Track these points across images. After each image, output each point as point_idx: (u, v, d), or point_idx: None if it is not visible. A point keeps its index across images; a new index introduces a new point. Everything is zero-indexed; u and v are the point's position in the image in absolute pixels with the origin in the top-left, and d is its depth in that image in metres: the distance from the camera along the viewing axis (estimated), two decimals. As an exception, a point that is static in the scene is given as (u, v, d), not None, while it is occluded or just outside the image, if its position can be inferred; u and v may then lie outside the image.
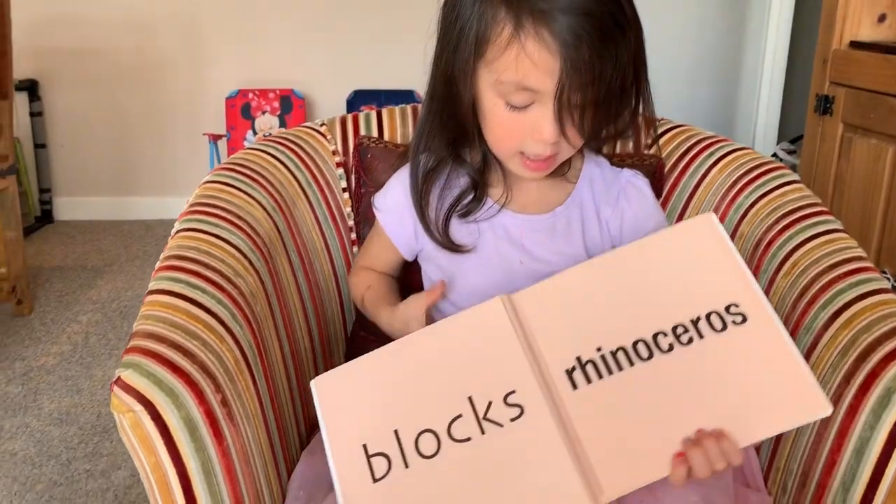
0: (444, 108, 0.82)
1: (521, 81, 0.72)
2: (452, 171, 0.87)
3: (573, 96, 0.71)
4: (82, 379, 1.85)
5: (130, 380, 0.63)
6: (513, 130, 0.77)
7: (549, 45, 0.69)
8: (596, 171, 0.89)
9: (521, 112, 0.75)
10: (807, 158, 1.80)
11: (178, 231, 0.87)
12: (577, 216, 0.87)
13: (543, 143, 0.75)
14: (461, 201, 0.86)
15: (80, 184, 3.11)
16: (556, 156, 0.78)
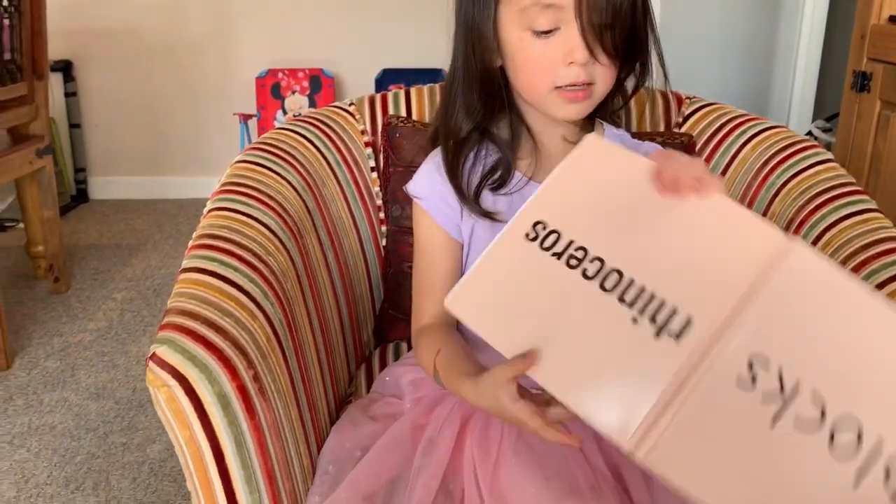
0: (469, 76, 0.83)
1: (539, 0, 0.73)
2: (481, 146, 0.86)
3: (593, 11, 0.73)
4: (118, 355, 1.90)
5: (165, 355, 0.65)
6: (543, 61, 0.76)
7: None
8: (617, 141, 0.88)
9: (548, 39, 0.75)
10: (842, 136, 1.77)
11: (211, 210, 0.88)
12: None
13: (576, 67, 0.75)
14: (492, 176, 0.85)
15: (113, 163, 3.15)
16: (592, 87, 0.78)
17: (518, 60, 0.79)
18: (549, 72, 0.77)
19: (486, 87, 0.83)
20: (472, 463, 0.75)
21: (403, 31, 3.01)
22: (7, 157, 1.93)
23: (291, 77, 2.96)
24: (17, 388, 1.74)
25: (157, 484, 1.42)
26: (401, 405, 0.87)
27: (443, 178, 0.86)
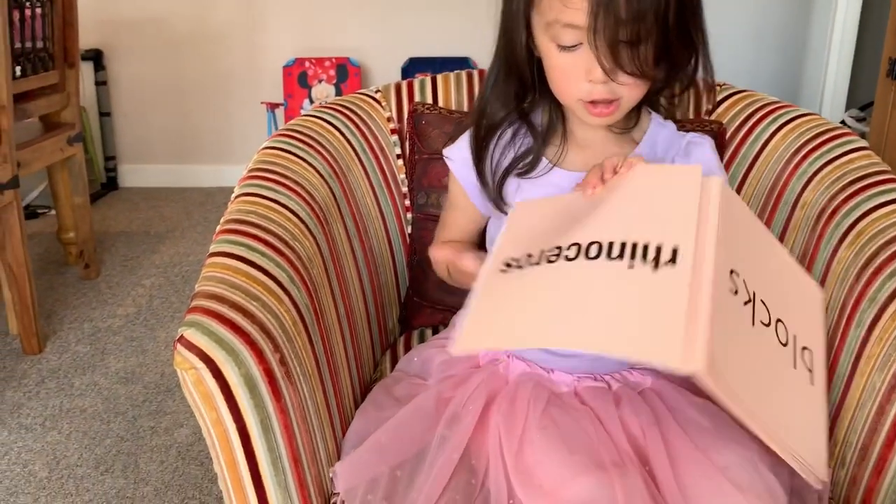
0: (506, 65, 0.84)
1: (560, 18, 0.74)
2: (518, 129, 0.88)
3: (608, 32, 0.71)
4: (147, 340, 1.92)
5: (193, 338, 0.66)
6: (568, 74, 0.78)
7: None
8: (661, 133, 0.88)
9: (572, 53, 0.76)
10: (877, 125, 1.73)
11: (238, 196, 0.88)
12: None
13: (594, 85, 0.76)
14: (523, 160, 0.87)
15: (143, 151, 3.19)
16: (618, 101, 0.78)
17: (547, 67, 0.81)
18: (573, 85, 0.78)
19: (520, 79, 0.85)
20: (498, 437, 0.75)
21: (429, 19, 3.00)
22: (39, 145, 1.96)
23: (318, 66, 2.96)
24: (49, 371, 1.77)
25: (184, 467, 1.44)
26: (425, 386, 0.88)
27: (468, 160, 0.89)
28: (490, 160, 0.88)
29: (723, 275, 0.61)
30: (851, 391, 0.78)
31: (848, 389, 0.79)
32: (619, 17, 0.71)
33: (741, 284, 0.63)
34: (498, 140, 0.88)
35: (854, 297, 0.82)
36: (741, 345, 0.61)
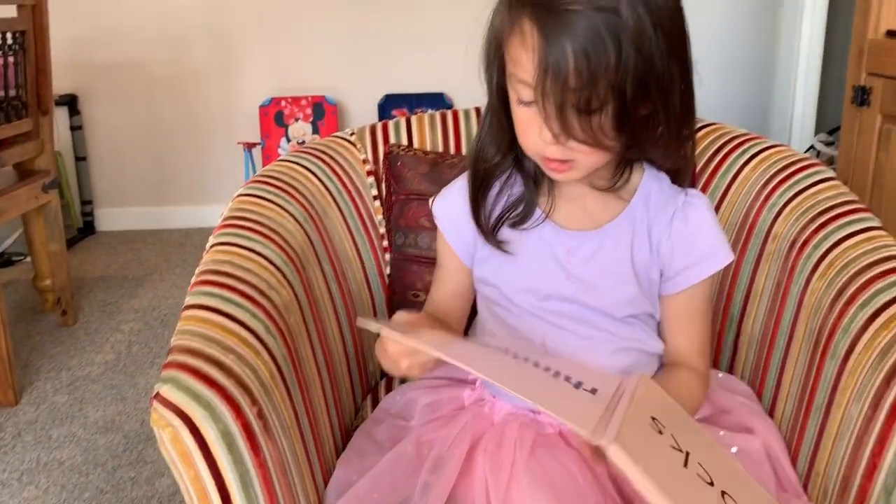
0: (494, 113, 0.82)
1: (515, 73, 0.72)
2: (509, 176, 0.86)
3: (554, 97, 0.68)
4: (126, 387, 1.90)
5: (169, 395, 0.65)
6: (524, 128, 0.75)
7: (530, 39, 0.69)
8: (655, 187, 0.83)
9: (528, 108, 0.73)
10: (845, 151, 1.76)
11: (213, 245, 0.88)
12: (627, 234, 0.82)
13: (543, 142, 0.73)
14: (514, 209, 0.85)
15: (120, 195, 3.18)
16: (573, 162, 0.75)
17: (513, 118, 0.78)
18: (529, 138, 0.75)
19: (503, 128, 0.82)
20: (485, 481, 0.75)
21: (404, 56, 3.03)
22: (13, 193, 1.95)
23: (294, 105, 2.98)
24: (25, 423, 1.74)
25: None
26: (408, 427, 0.88)
27: (464, 209, 0.87)
28: (486, 204, 0.86)
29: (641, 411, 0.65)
30: (829, 423, 0.79)
31: (826, 421, 0.79)
32: (566, 83, 0.67)
33: (668, 433, 0.65)
34: (492, 185, 0.86)
35: (828, 327, 0.82)
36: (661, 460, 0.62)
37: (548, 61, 0.67)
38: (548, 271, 0.83)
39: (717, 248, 0.83)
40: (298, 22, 3.02)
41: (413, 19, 2.99)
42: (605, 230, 0.82)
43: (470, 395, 0.90)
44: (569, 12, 0.66)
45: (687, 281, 0.83)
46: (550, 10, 0.67)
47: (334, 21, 3.01)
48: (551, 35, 0.67)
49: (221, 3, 3.00)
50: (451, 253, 0.91)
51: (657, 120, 0.72)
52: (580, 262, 0.82)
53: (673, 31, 0.70)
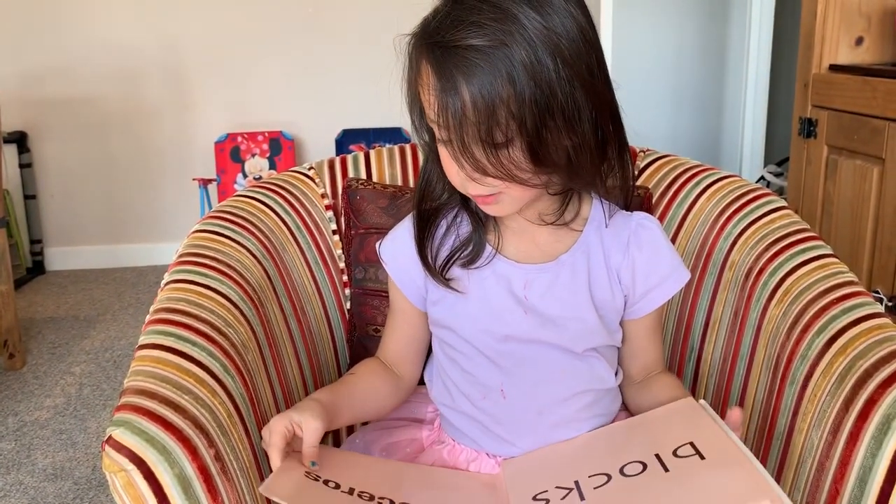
0: (430, 152, 0.82)
1: (428, 114, 0.72)
2: (456, 214, 0.85)
3: (456, 133, 0.68)
4: (76, 432, 1.83)
5: (122, 438, 0.63)
6: (446, 166, 0.75)
7: (427, 79, 0.70)
8: (604, 216, 0.84)
9: (445, 150, 0.73)
10: (794, 181, 1.81)
11: (168, 283, 0.86)
12: (583, 264, 0.82)
13: (462, 180, 0.73)
14: (464, 249, 0.83)
15: (71, 233, 3.10)
16: (498, 196, 0.74)
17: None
18: (452, 177, 0.75)
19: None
20: None
21: (362, 91, 3.04)
22: (-42, 233, 1.89)
23: (251, 140, 2.96)
24: (-32, 472, 1.67)
25: (118, 568, 1.36)
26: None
27: (412, 251, 0.85)
28: (433, 244, 0.84)
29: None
30: (791, 449, 0.79)
31: (788, 447, 0.80)
32: (465, 119, 0.66)
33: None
34: (439, 225, 0.85)
35: (786, 354, 0.83)
36: None
37: (445, 100, 0.67)
38: (505, 308, 0.82)
39: (676, 268, 0.85)
40: (254, 57, 3.01)
41: (370, 54, 3.00)
42: (560, 262, 0.82)
43: (428, 436, 0.89)
44: (460, 48, 0.66)
45: (652, 304, 0.84)
46: (443, 48, 0.67)
47: (291, 56, 3.02)
48: (444, 73, 0.67)
49: (175, 39, 2.98)
50: (402, 296, 0.89)
51: (570, 149, 0.71)
52: (537, 296, 0.81)
53: (576, 59, 0.68)
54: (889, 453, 0.68)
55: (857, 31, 1.70)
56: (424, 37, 0.71)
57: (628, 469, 0.70)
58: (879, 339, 0.75)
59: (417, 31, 0.73)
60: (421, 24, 0.73)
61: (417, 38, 0.72)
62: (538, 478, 0.74)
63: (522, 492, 0.73)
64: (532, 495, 0.72)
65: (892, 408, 0.69)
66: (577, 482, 0.71)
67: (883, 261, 1.48)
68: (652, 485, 0.67)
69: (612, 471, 0.70)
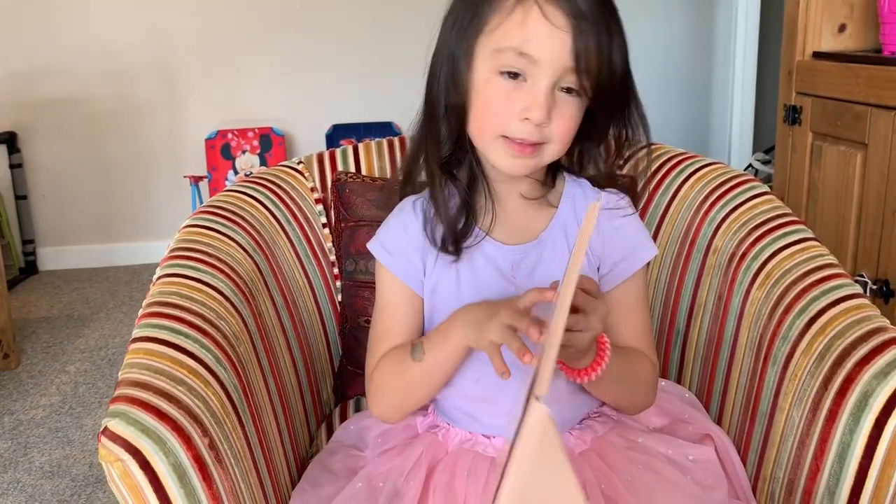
0: (445, 112, 0.81)
1: (520, 46, 0.72)
2: (444, 190, 0.84)
3: (573, 74, 0.73)
4: (73, 429, 1.84)
5: (117, 429, 0.64)
6: (500, 107, 0.75)
7: (555, 16, 0.72)
8: (578, 191, 0.88)
9: (515, 85, 0.74)
10: (780, 168, 1.83)
11: (160, 277, 0.87)
12: (561, 238, 0.85)
13: (529, 125, 0.74)
14: (455, 225, 0.83)
15: (63, 233, 3.10)
16: (540, 146, 0.76)
17: (478, 101, 0.77)
18: (502, 118, 0.75)
19: (453, 125, 0.81)
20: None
21: (352, 86, 3.05)
22: (-50, 234, 1.89)
23: (241, 137, 2.96)
24: (-34, 471, 1.68)
25: (117, 562, 1.37)
26: (362, 457, 0.87)
27: (409, 236, 0.86)
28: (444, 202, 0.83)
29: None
30: (774, 428, 0.81)
31: (770, 426, 0.82)
32: (581, 61, 0.72)
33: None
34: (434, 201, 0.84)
35: (768, 336, 0.85)
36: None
37: (572, 39, 0.72)
38: (497, 291, 0.83)
39: (645, 242, 0.88)
40: (244, 53, 3.01)
41: (359, 49, 3.01)
42: (541, 239, 0.85)
43: (423, 421, 0.90)
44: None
45: (621, 274, 0.86)
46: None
47: (280, 52, 3.02)
48: (576, 13, 0.71)
49: (164, 37, 2.98)
50: (402, 287, 0.87)
51: (625, 108, 0.81)
52: (524, 276, 0.84)
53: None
54: (867, 429, 0.70)
55: (839, 19, 1.71)
56: None
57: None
58: (857, 318, 0.77)
59: None
60: None
61: None
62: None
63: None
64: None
65: (868, 385, 0.70)
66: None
67: (867, 245, 1.50)
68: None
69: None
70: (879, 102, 1.45)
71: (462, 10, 0.77)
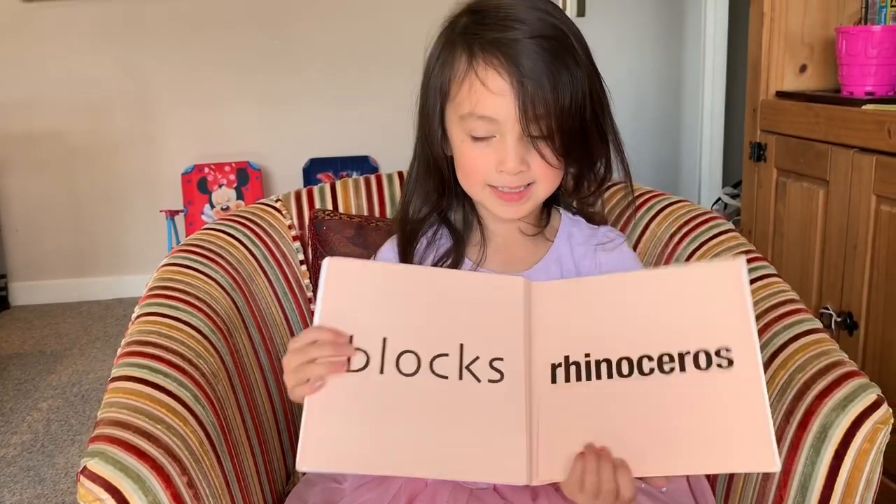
0: (424, 162, 0.86)
1: (476, 110, 0.77)
2: (438, 230, 0.89)
3: (529, 123, 0.75)
4: (45, 468, 1.82)
5: (96, 468, 0.65)
6: (478, 164, 0.80)
7: (501, 70, 0.75)
8: (574, 229, 0.90)
9: (486, 143, 0.79)
10: (747, 203, 1.88)
11: (139, 316, 0.88)
12: (556, 271, 0.87)
13: (508, 175, 0.78)
14: (444, 261, 0.87)
15: (37, 267, 3.08)
16: (530, 189, 0.80)
17: (458, 157, 0.83)
18: (481, 172, 0.80)
19: (439, 174, 0.87)
20: None
21: (328, 120, 3.08)
22: (-78, 270, 1.87)
23: (218, 171, 2.98)
24: (-66, 512, 1.65)
25: None
26: (340, 490, 0.87)
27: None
28: (414, 259, 0.88)
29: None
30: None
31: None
32: (536, 106, 0.74)
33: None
34: (420, 241, 0.88)
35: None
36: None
37: (520, 87, 0.74)
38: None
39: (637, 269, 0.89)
40: (220, 88, 3.04)
41: (336, 84, 3.05)
42: (535, 270, 0.87)
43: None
44: (518, 42, 0.75)
45: None
46: (503, 44, 0.75)
47: (257, 86, 3.05)
48: (520, 64, 0.74)
49: (140, 71, 3.00)
50: None
51: (604, 146, 0.84)
52: None
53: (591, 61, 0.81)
54: (827, 461, 0.72)
55: (801, 60, 1.78)
56: (479, 32, 0.77)
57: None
58: (817, 352, 0.80)
59: (460, 29, 0.80)
60: (457, 25, 0.81)
61: (466, 28, 0.79)
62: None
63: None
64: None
65: (827, 418, 0.73)
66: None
67: (831, 278, 1.55)
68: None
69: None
70: (839, 141, 1.50)
71: (432, 75, 0.82)
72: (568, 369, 0.69)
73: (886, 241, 1.39)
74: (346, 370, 0.68)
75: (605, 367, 0.68)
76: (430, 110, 0.84)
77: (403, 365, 0.68)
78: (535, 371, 0.69)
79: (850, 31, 1.57)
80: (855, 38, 1.54)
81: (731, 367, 0.66)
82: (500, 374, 0.69)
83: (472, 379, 0.68)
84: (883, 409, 0.73)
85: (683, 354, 0.67)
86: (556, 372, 0.69)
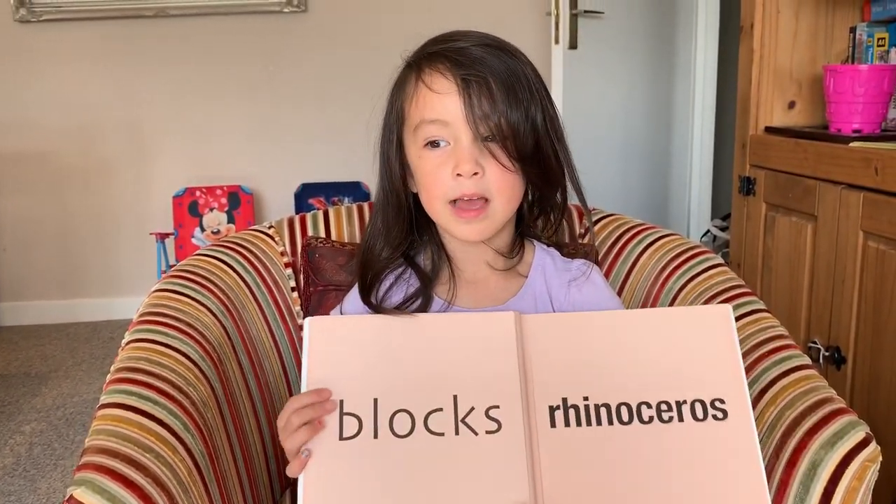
0: (386, 202, 0.87)
1: (426, 115, 0.79)
2: (403, 271, 0.88)
3: (478, 122, 0.77)
4: (26, 493, 1.79)
5: (83, 497, 0.64)
6: (437, 173, 0.79)
7: (445, 72, 0.78)
8: (548, 261, 0.90)
9: (441, 151, 0.79)
10: (736, 236, 1.90)
11: (129, 342, 0.88)
12: (530, 307, 0.86)
13: (465, 179, 0.78)
14: (412, 303, 0.85)
15: (25, 288, 3.06)
16: (487, 206, 0.80)
17: (418, 177, 0.83)
18: (441, 185, 0.79)
19: (402, 212, 0.86)
20: None
21: (320, 145, 3.09)
22: None
23: (209, 195, 2.98)
24: (-89, 537, 1.62)
25: None
26: None
27: (366, 309, 0.87)
28: (377, 297, 0.86)
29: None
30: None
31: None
32: (483, 108, 0.76)
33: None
34: (382, 282, 0.87)
35: (723, 404, 0.88)
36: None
37: (465, 83, 0.77)
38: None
39: (611, 303, 0.89)
40: (213, 112, 3.05)
41: (329, 109, 3.06)
42: (508, 305, 0.86)
43: None
44: (465, 49, 0.79)
45: None
46: (449, 51, 0.79)
47: (249, 111, 3.06)
48: (462, 65, 0.77)
49: (133, 94, 3.00)
50: None
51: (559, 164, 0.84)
52: None
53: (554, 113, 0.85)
54: (816, 498, 0.72)
55: (789, 96, 1.81)
56: (426, 49, 0.82)
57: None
58: (806, 389, 0.81)
59: (411, 59, 0.84)
60: (410, 58, 0.84)
61: (416, 54, 0.83)
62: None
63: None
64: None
65: (817, 455, 0.74)
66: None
67: (819, 312, 1.56)
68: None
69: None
70: (827, 177, 1.52)
71: (388, 113, 0.86)
72: (567, 412, 0.68)
73: (873, 276, 1.40)
74: (339, 438, 0.67)
75: (605, 412, 0.69)
76: (387, 143, 0.85)
77: (397, 426, 0.67)
78: (533, 415, 0.68)
79: (837, 69, 1.60)
80: (842, 77, 1.57)
81: (726, 420, 0.68)
82: (498, 424, 0.68)
83: (468, 432, 0.67)
84: (871, 447, 0.74)
85: (681, 403, 0.69)
86: (555, 415, 0.68)
